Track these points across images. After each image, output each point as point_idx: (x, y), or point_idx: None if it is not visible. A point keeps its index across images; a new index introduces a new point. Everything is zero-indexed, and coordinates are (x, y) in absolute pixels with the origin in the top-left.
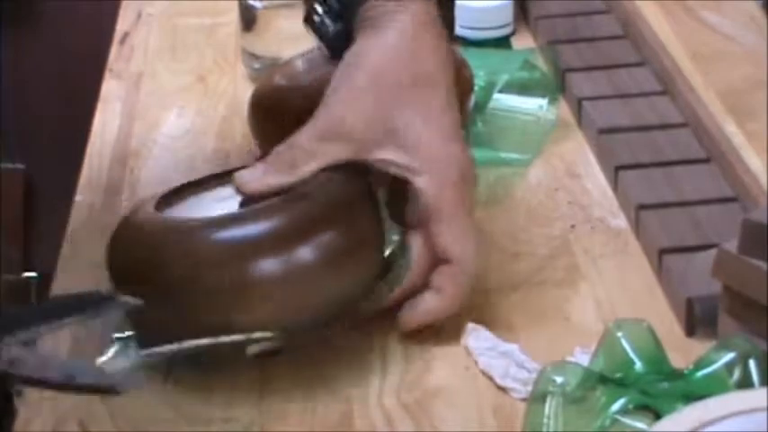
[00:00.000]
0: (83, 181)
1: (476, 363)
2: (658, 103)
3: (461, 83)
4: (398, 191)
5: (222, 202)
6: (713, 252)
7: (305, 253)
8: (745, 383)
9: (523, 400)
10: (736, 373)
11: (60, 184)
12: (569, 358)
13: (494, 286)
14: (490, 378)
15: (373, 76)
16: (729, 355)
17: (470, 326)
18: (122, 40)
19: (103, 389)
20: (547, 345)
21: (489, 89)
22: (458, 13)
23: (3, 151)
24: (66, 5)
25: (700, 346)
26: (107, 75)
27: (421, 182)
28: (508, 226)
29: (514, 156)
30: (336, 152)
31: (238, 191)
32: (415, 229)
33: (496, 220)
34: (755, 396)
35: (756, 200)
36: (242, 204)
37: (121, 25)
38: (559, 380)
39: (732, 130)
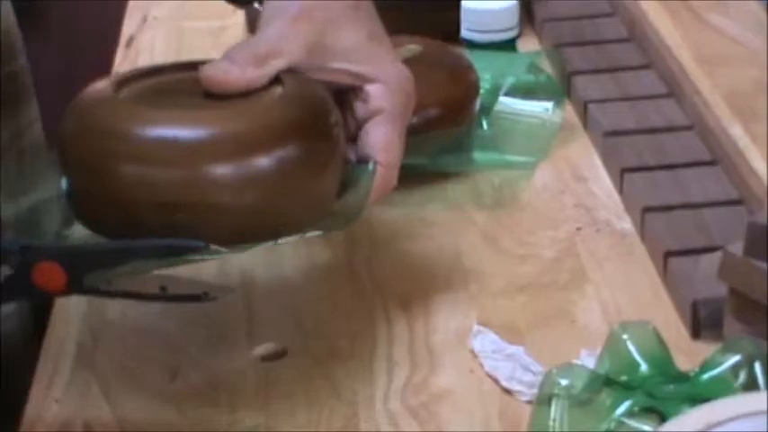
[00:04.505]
0: None
1: (481, 365)
2: (664, 105)
3: (467, 86)
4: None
5: (185, 94)
6: (719, 254)
7: (261, 163)
8: (751, 386)
9: (529, 402)
10: (742, 376)
11: None
12: (575, 361)
13: (499, 289)
14: (496, 381)
15: (307, 5)
16: (735, 358)
17: (476, 328)
18: (128, 44)
19: (196, 297)
20: (552, 347)
21: (495, 92)
22: (463, 15)
23: None
24: (71, 8)
25: (705, 349)
26: None
27: (373, 88)
28: (514, 228)
29: (520, 159)
30: (298, 52)
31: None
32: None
33: (502, 223)
34: (761, 398)
35: (762, 202)
36: (206, 98)
37: (127, 28)
38: (565, 382)
39: (737, 132)
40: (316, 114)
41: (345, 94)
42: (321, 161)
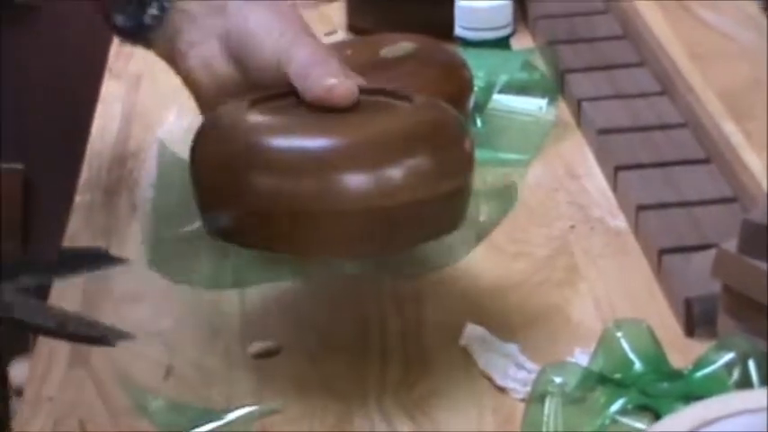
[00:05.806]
0: (82, 181)
1: (475, 363)
2: (657, 103)
3: (461, 83)
4: None
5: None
6: (712, 252)
7: (393, 173)
8: (745, 383)
9: (523, 400)
10: (736, 374)
11: (60, 184)
12: (569, 358)
13: (493, 286)
14: (489, 378)
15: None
16: (729, 356)
17: (470, 326)
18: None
19: (94, 339)
20: (546, 345)
21: (489, 90)
22: (457, 13)
23: (2, 151)
24: (65, 5)
25: (699, 346)
26: (106, 75)
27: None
28: (507, 226)
29: (514, 156)
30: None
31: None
32: None
33: None
34: (755, 396)
35: (755, 199)
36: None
37: None
38: (559, 380)
39: (731, 129)
40: (447, 123)
41: None
42: (453, 169)
